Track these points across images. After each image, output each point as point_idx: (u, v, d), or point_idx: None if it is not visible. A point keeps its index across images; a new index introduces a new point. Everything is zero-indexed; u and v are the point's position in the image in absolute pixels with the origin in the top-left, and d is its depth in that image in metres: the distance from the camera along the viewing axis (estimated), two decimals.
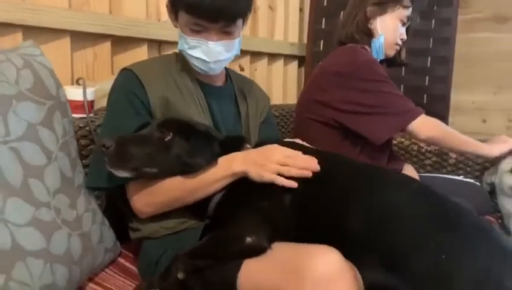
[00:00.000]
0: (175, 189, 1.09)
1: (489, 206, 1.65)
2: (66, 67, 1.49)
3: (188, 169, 1.08)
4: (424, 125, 1.48)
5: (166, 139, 1.07)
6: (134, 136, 1.08)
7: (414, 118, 1.47)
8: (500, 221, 1.57)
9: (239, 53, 1.24)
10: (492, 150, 1.52)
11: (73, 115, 1.23)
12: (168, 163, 1.07)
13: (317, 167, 1.03)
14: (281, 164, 1.04)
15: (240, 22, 1.15)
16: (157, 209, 1.12)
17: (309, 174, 1.02)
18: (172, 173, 1.09)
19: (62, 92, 1.11)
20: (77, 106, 1.29)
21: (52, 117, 1.03)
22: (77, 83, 1.40)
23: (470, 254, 0.81)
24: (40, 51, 1.10)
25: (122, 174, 1.05)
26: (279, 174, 1.03)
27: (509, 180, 1.50)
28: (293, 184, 1.01)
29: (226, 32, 1.14)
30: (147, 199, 1.11)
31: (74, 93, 1.30)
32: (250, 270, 0.96)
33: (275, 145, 1.10)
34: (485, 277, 0.78)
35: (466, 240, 0.84)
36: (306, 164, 1.04)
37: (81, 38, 1.56)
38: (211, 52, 1.15)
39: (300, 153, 1.08)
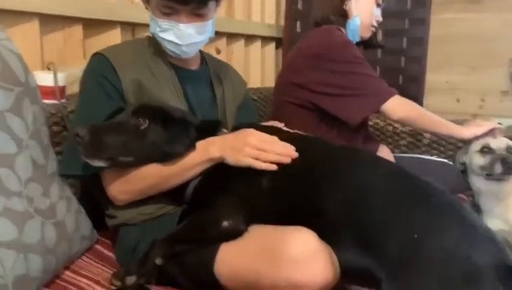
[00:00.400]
0: (151, 176, 1.08)
1: (461, 185, 1.69)
2: (35, 52, 1.45)
3: (166, 157, 1.07)
4: (397, 106, 1.50)
5: (142, 127, 1.06)
6: (109, 124, 1.06)
7: (387, 99, 1.49)
8: (471, 199, 1.61)
9: (213, 35, 1.22)
10: (464, 132, 1.55)
11: (45, 101, 1.19)
12: (144, 151, 1.06)
13: (294, 154, 1.04)
14: (257, 148, 1.04)
15: (212, 4, 1.13)
16: (134, 197, 1.12)
17: (287, 160, 1.03)
18: (149, 160, 1.08)
19: (31, 77, 1.08)
20: (48, 92, 1.27)
21: (21, 104, 1.00)
22: (47, 68, 1.37)
23: (439, 231, 0.83)
24: (5, 34, 1.06)
25: (97, 163, 1.04)
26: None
27: (479, 160, 1.53)
28: (272, 166, 1.02)
29: (198, 15, 1.13)
30: (123, 187, 1.10)
31: (44, 79, 1.27)
32: (227, 253, 0.97)
33: (252, 130, 1.10)
34: (454, 254, 0.80)
35: (436, 219, 0.86)
36: (283, 150, 1.04)
37: (51, 22, 1.50)
38: (183, 35, 1.13)
39: (276, 138, 1.08)
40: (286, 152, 1.04)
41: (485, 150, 1.51)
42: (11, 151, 0.94)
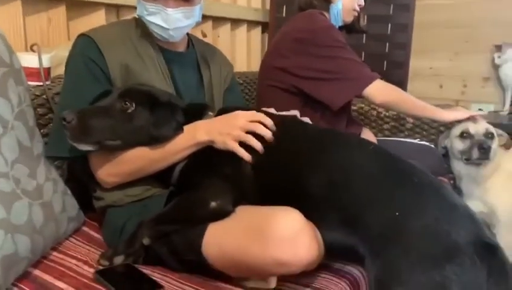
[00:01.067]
0: (139, 159, 1.09)
1: (443, 168, 1.73)
2: (19, 33, 1.43)
3: (153, 140, 1.07)
4: (379, 90, 1.52)
5: (129, 111, 1.06)
6: (96, 108, 1.06)
7: (369, 83, 1.51)
8: (452, 182, 1.66)
9: (200, 20, 1.22)
10: (446, 115, 1.59)
11: (29, 83, 1.18)
12: (131, 135, 1.07)
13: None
14: (245, 130, 1.05)
15: None
16: (122, 179, 1.12)
17: (268, 134, 1.05)
18: (137, 144, 1.08)
19: (16, 58, 1.06)
20: (33, 73, 1.25)
21: (6, 85, 0.99)
22: (31, 49, 1.34)
23: (420, 209, 0.86)
24: None
25: (84, 147, 1.04)
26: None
27: (459, 144, 1.57)
28: (250, 158, 1.03)
29: (185, 0, 1.12)
30: (110, 170, 1.10)
31: (29, 60, 1.25)
32: (215, 233, 0.99)
33: (238, 112, 1.11)
34: (434, 231, 0.83)
35: (417, 197, 0.89)
36: (267, 133, 1.05)
37: (34, 3, 1.48)
38: (170, 20, 1.13)
39: (262, 114, 1.09)
40: (268, 136, 1.05)
41: (465, 135, 1.55)
42: None
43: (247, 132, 1.05)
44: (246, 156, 1.03)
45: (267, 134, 1.05)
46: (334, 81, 1.52)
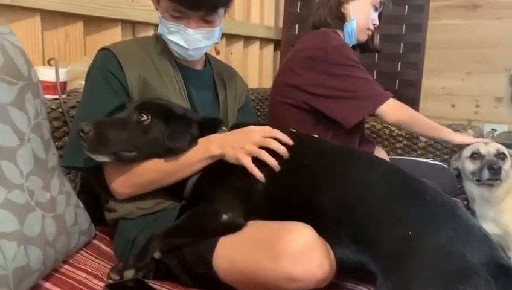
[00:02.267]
0: (153, 171, 1.10)
1: (456, 189, 1.72)
2: (37, 48, 1.46)
3: (168, 153, 1.08)
4: (392, 109, 1.53)
5: (145, 123, 1.07)
6: (113, 120, 1.07)
7: (383, 101, 1.51)
8: (465, 203, 1.64)
9: (219, 41, 1.24)
10: (456, 137, 1.59)
11: (46, 96, 1.20)
12: (147, 147, 1.08)
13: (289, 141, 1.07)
14: (258, 145, 1.06)
15: (221, 10, 1.15)
16: (135, 191, 1.13)
17: (283, 149, 1.05)
18: (152, 156, 1.09)
19: (34, 72, 1.08)
20: (49, 87, 1.27)
21: (23, 98, 1.01)
22: (49, 63, 1.37)
23: (434, 229, 0.85)
24: (9, 29, 1.07)
25: (101, 159, 1.05)
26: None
27: (469, 165, 1.57)
28: (262, 177, 1.03)
29: (207, 21, 1.14)
30: (124, 181, 1.11)
31: (46, 74, 1.28)
32: (226, 247, 0.98)
33: (252, 127, 1.11)
34: (448, 251, 0.82)
35: (431, 216, 0.88)
36: (280, 147, 1.06)
37: (52, 18, 1.52)
38: (190, 40, 1.15)
39: (276, 130, 1.09)
40: (282, 151, 1.06)
41: (475, 155, 1.54)
42: (13, 144, 0.95)
43: (261, 147, 1.05)
44: (257, 173, 1.03)
45: (282, 150, 1.05)
46: (347, 99, 1.52)
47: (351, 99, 1.52)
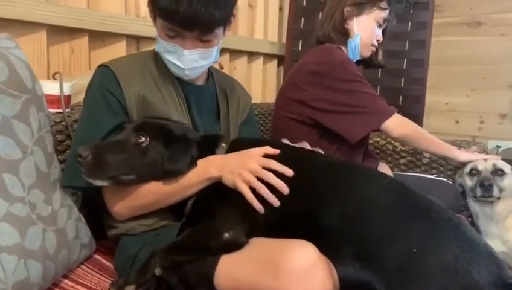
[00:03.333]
0: (152, 193, 1.09)
1: (460, 205, 1.70)
2: (42, 62, 1.47)
3: (167, 175, 1.07)
4: (397, 124, 1.53)
5: (143, 145, 1.07)
6: (110, 143, 1.07)
7: (388, 117, 1.51)
8: (470, 219, 1.62)
9: (217, 60, 1.22)
10: (460, 154, 1.58)
11: (49, 110, 1.21)
12: (145, 169, 1.07)
13: (286, 190, 1.02)
14: (256, 175, 1.03)
15: (218, 30, 1.12)
16: (134, 213, 1.13)
17: (275, 202, 1.01)
18: (151, 178, 1.08)
19: (38, 85, 1.09)
20: (53, 101, 1.28)
21: (27, 111, 1.02)
22: (53, 77, 1.38)
23: (439, 246, 0.84)
24: (15, 43, 1.08)
25: (99, 183, 1.05)
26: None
27: (468, 182, 1.56)
28: (261, 209, 1.00)
29: (203, 41, 1.12)
30: (124, 204, 1.11)
31: (50, 88, 1.28)
32: (228, 265, 0.97)
33: (253, 152, 1.07)
34: (453, 269, 0.80)
35: (436, 233, 0.86)
36: (278, 183, 1.02)
37: (58, 33, 1.53)
38: (186, 60, 1.13)
39: (275, 163, 1.05)
40: (279, 186, 1.02)
41: (473, 172, 1.54)
42: (15, 157, 0.95)
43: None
44: (256, 205, 1.00)
45: (279, 185, 1.01)
46: (352, 114, 1.52)
47: (356, 114, 1.52)
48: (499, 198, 1.51)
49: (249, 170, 1.03)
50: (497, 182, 1.49)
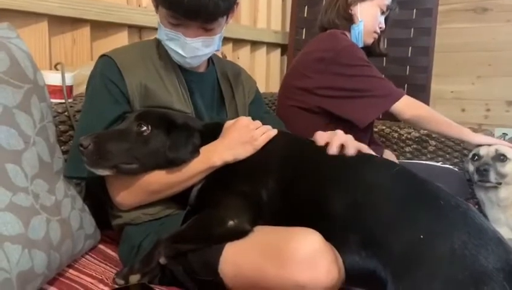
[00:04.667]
0: (155, 183, 1.09)
1: (466, 192, 1.69)
2: (44, 52, 1.46)
3: (169, 164, 1.07)
4: (407, 106, 1.52)
5: (144, 134, 1.06)
6: (112, 132, 1.06)
7: (397, 99, 1.50)
8: (477, 207, 1.61)
9: (219, 48, 1.21)
10: (475, 137, 1.56)
11: (52, 100, 1.20)
12: (147, 158, 1.06)
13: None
14: (257, 127, 1.12)
15: (222, 19, 1.12)
16: (138, 203, 1.12)
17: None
18: (153, 167, 1.08)
19: (40, 75, 1.08)
20: (55, 91, 1.27)
21: (29, 101, 1.01)
22: (55, 68, 1.38)
23: (447, 232, 0.83)
24: (16, 33, 1.07)
25: (101, 172, 1.04)
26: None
27: (470, 167, 1.56)
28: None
29: (206, 29, 1.12)
30: (127, 193, 1.10)
31: (52, 78, 1.28)
32: (232, 253, 0.97)
33: (238, 119, 1.14)
34: (461, 255, 0.79)
35: (444, 220, 0.85)
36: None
37: (59, 23, 1.52)
38: (188, 48, 1.13)
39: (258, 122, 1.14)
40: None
41: (475, 157, 1.53)
42: (18, 148, 0.95)
43: None
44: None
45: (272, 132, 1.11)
46: (360, 98, 1.51)
47: (365, 98, 1.51)
48: (500, 183, 1.49)
49: (253, 128, 1.10)
50: (498, 168, 1.48)
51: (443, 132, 1.62)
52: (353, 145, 1.06)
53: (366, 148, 1.08)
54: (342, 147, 1.06)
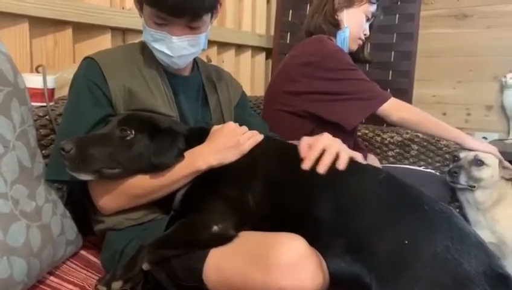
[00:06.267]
0: (138, 187, 1.07)
1: (447, 196, 1.71)
2: (25, 54, 1.44)
3: (153, 168, 1.05)
4: (395, 108, 1.53)
5: (127, 138, 1.05)
6: (95, 136, 1.05)
7: (383, 101, 1.52)
8: (458, 211, 1.63)
9: (205, 47, 1.21)
10: (467, 141, 1.54)
11: (33, 104, 1.18)
12: (131, 163, 1.05)
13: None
14: (243, 132, 1.11)
15: (206, 17, 1.12)
16: (120, 207, 1.11)
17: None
18: (137, 172, 1.06)
19: (20, 78, 1.06)
20: (37, 94, 1.25)
21: (9, 104, 0.99)
22: (37, 70, 1.35)
23: (430, 237, 0.84)
24: None
25: (84, 177, 1.03)
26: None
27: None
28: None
29: (191, 28, 1.11)
30: (110, 198, 1.09)
31: (33, 81, 1.25)
32: (216, 258, 0.96)
33: (223, 125, 1.13)
34: (444, 259, 0.80)
35: (427, 225, 0.86)
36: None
37: (41, 25, 1.50)
38: (175, 48, 1.12)
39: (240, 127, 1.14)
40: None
41: (455, 158, 1.56)
42: None
43: None
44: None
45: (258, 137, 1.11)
46: (347, 101, 1.52)
47: (352, 101, 1.52)
48: (473, 187, 1.52)
49: (239, 132, 1.10)
50: (472, 172, 1.51)
51: (434, 134, 1.62)
52: (345, 156, 1.04)
53: (359, 157, 1.08)
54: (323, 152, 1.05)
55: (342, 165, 1.01)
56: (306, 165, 1.02)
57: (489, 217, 1.57)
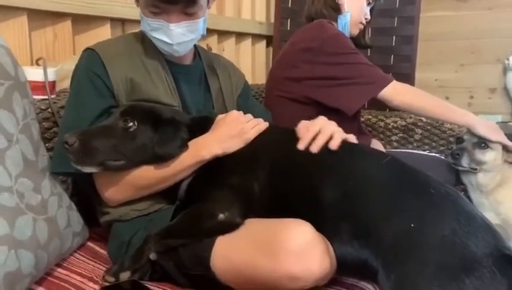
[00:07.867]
0: (143, 178, 1.07)
1: (452, 180, 1.70)
2: (24, 48, 1.42)
3: (157, 159, 1.05)
4: (396, 92, 1.48)
5: (131, 129, 1.04)
6: (97, 129, 1.04)
7: (384, 85, 1.48)
8: (463, 193, 1.63)
9: (205, 33, 1.20)
10: (478, 126, 1.48)
11: (34, 97, 1.17)
12: (134, 154, 1.05)
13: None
14: (247, 120, 1.11)
15: (202, 1, 1.11)
16: (126, 198, 1.11)
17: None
18: (141, 163, 1.07)
19: (21, 71, 1.05)
20: (38, 87, 1.24)
21: (11, 98, 0.98)
22: (37, 63, 1.34)
23: (437, 220, 0.84)
24: None
25: (88, 170, 1.03)
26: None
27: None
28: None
29: (188, 14, 1.11)
30: (115, 189, 1.09)
31: (34, 74, 1.25)
32: (224, 246, 0.96)
33: (228, 113, 1.13)
34: (451, 242, 0.80)
35: (434, 208, 0.86)
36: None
37: (40, 17, 1.49)
38: (173, 35, 1.11)
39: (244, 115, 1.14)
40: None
41: (459, 140, 1.55)
42: (1, 146, 0.92)
43: None
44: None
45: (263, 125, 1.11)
46: (348, 86, 1.50)
47: (352, 85, 1.49)
48: (475, 169, 1.51)
49: (243, 121, 1.10)
50: (475, 154, 1.49)
51: (441, 117, 1.55)
52: (338, 137, 1.05)
53: (353, 139, 1.08)
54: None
55: (334, 145, 1.02)
56: (301, 145, 1.03)
57: (492, 200, 1.56)
